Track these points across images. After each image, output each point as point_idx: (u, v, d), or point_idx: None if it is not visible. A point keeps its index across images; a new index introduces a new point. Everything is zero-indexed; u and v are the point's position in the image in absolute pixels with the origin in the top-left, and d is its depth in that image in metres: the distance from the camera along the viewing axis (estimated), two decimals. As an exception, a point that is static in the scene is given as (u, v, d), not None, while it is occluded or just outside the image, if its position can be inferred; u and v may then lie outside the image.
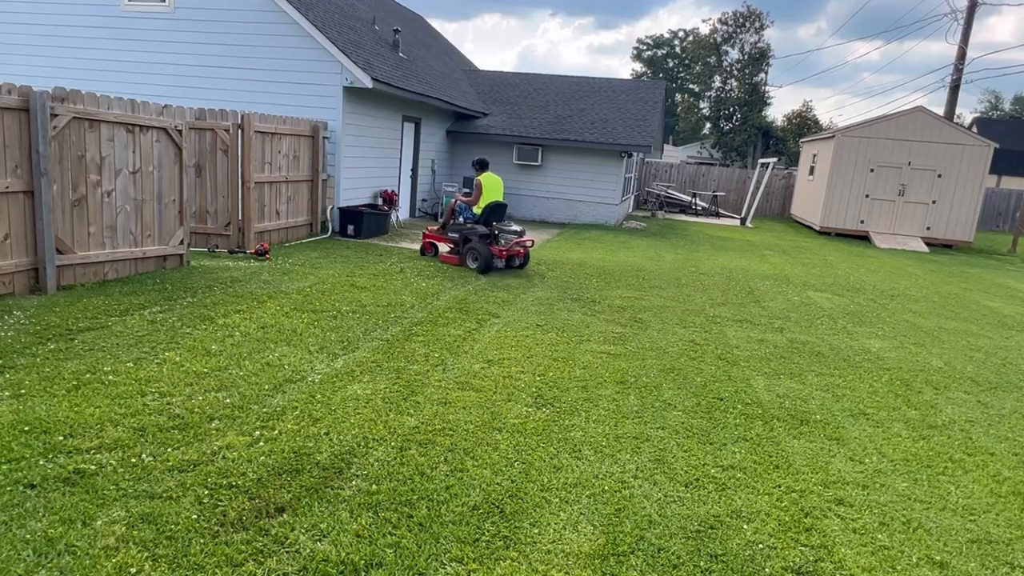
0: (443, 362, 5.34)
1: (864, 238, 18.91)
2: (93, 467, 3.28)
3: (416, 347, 5.66)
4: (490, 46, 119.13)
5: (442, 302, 7.37)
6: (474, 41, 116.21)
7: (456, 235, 9.81)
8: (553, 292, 8.46)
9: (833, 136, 19.42)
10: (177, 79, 11.89)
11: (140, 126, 7.13)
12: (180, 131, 7.68)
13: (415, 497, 3.29)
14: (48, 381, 4.24)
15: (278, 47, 11.41)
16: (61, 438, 3.53)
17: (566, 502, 3.39)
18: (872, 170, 18.70)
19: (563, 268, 10.34)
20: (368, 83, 11.02)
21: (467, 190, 10.72)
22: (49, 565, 2.58)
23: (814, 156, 21.61)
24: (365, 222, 11.59)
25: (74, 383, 4.25)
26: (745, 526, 3.31)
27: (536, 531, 3.11)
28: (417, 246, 11.17)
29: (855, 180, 18.86)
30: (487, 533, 3.05)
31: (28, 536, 2.73)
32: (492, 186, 9.84)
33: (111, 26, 12.15)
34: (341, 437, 3.86)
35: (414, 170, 15.28)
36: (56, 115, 6.14)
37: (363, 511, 3.13)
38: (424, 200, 16.11)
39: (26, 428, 3.60)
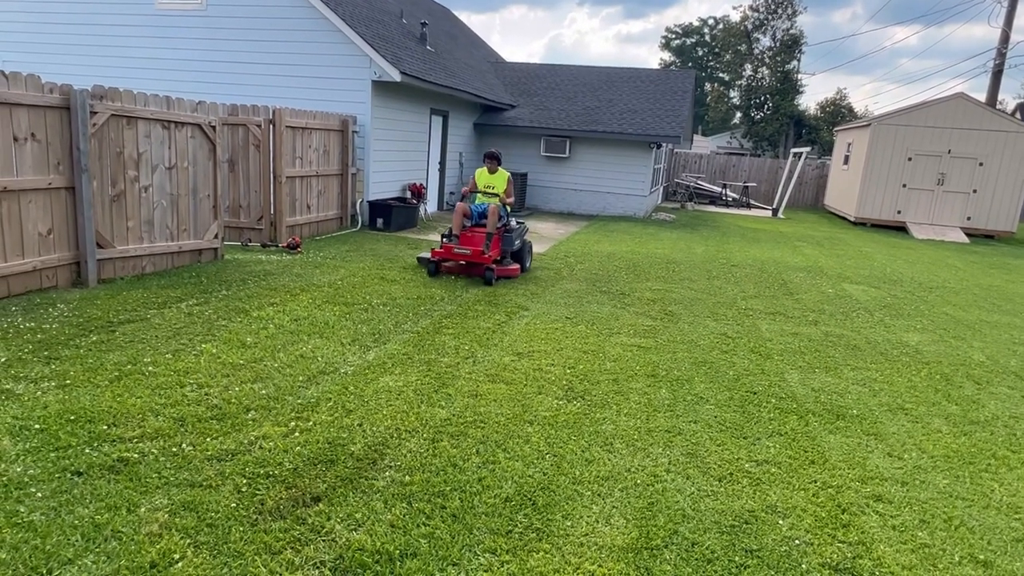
0: (473, 355, 5.36)
1: (901, 229, 18.44)
2: (136, 456, 3.38)
3: (446, 339, 5.69)
4: (517, 38, 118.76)
5: (471, 295, 7.39)
6: (501, 33, 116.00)
7: (519, 241, 8.64)
8: (582, 285, 8.42)
9: (869, 124, 18.94)
10: (210, 75, 12.09)
11: (175, 122, 7.27)
12: (213, 127, 7.81)
13: (448, 488, 3.32)
14: (91, 372, 4.37)
15: (308, 42, 11.53)
16: (105, 427, 3.64)
17: (598, 495, 3.38)
18: (910, 159, 18.21)
19: (592, 260, 10.29)
20: (397, 77, 11.07)
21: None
22: (96, 550, 2.66)
23: (849, 145, 21.12)
24: (394, 215, 11.68)
25: (116, 374, 4.37)
26: (781, 521, 3.27)
27: (568, 523, 3.11)
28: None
29: (892, 169, 18.38)
30: (520, 525, 3.07)
31: (76, 522, 2.82)
32: None
33: (146, 24, 12.39)
34: (374, 428, 3.91)
35: (442, 163, 15.33)
36: (95, 112, 6.29)
37: (397, 501, 3.17)
38: (452, 193, 16.15)
39: (72, 417, 3.71)
